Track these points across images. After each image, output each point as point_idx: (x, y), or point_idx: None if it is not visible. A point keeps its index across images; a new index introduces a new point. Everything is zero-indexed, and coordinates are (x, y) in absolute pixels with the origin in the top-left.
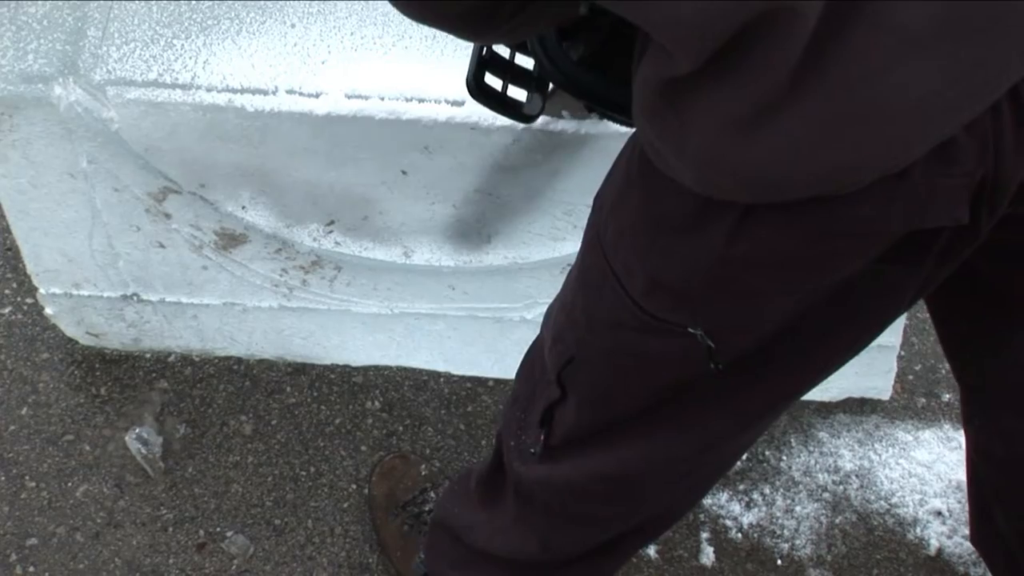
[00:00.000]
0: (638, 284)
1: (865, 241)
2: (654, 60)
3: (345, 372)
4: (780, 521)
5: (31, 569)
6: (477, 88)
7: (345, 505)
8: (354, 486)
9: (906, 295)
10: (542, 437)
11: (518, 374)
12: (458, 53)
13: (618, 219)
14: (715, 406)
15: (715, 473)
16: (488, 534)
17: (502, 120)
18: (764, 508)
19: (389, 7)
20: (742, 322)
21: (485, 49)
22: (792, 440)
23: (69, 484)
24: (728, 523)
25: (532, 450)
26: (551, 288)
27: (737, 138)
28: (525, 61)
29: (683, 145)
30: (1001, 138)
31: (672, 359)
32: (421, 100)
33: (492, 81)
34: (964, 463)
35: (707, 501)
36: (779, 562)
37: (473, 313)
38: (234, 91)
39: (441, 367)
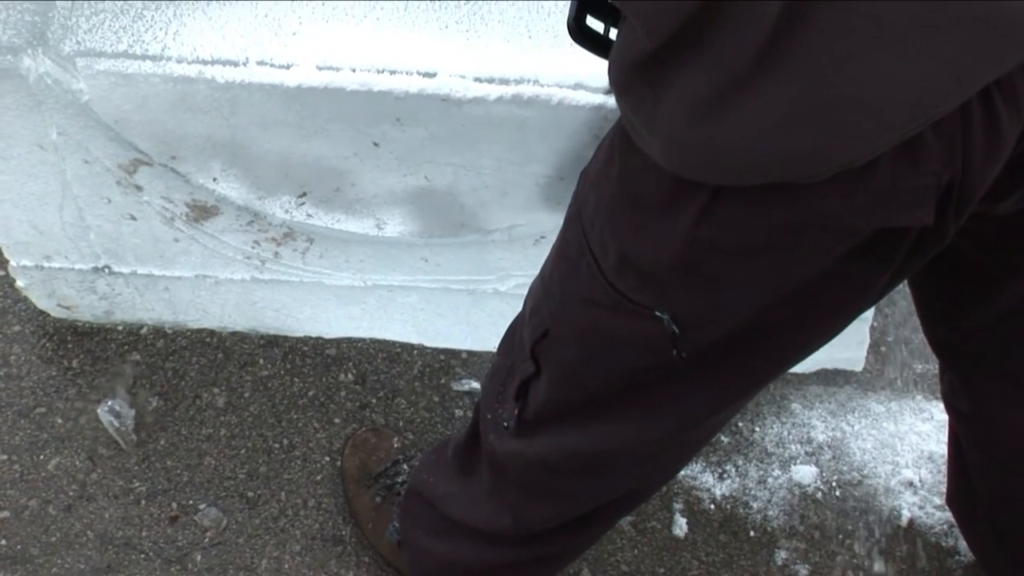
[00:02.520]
0: (611, 261)
1: (830, 236)
2: (627, 34)
3: (318, 344)
4: (753, 492)
5: (3, 542)
6: (578, 30)
7: (318, 477)
8: (327, 458)
9: (873, 291)
10: (516, 411)
11: (499, 347)
12: (430, 24)
13: (597, 194)
14: (686, 391)
15: (690, 451)
16: (463, 505)
17: (474, 91)
18: (737, 479)
19: None
20: (707, 311)
21: None
22: (765, 411)
23: (41, 457)
24: (701, 494)
25: (506, 424)
26: (524, 260)
27: (700, 118)
28: None
29: (653, 119)
30: (970, 141)
31: (638, 342)
32: (393, 71)
33: (593, 24)
34: (936, 434)
35: (680, 472)
36: (752, 533)
37: (446, 285)
38: (204, 62)
39: (414, 339)
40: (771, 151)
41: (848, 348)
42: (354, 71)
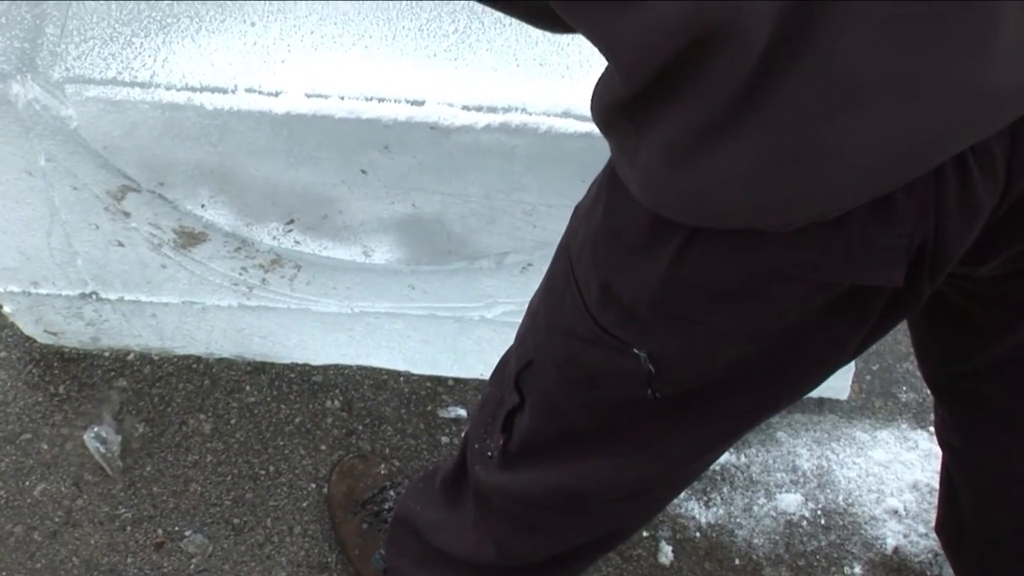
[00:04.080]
0: (594, 294)
1: (803, 287)
2: (608, 75)
3: (305, 371)
4: (738, 520)
5: None
6: None
7: (304, 504)
8: (313, 485)
9: (850, 347)
10: (502, 442)
11: (491, 377)
12: (418, 53)
13: (586, 227)
14: (664, 433)
15: (673, 491)
16: (448, 535)
17: (462, 119)
18: (723, 507)
19: (349, 6)
20: (683, 353)
21: None
22: (751, 440)
23: (27, 483)
24: (687, 522)
25: (491, 454)
26: (511, 288)
27: (676, 161)
28: None
29: (635, 155)
30: (943, 204)
31: (616, 378)
32: (381, 99)
33: None
34: (921, 462)
35: None
36: (737, 561)
37: (433, 312)
38: (193, 89)
39: (401, 366)
40: (741, 199)
41: (833, 377)
42: (343, 99)
